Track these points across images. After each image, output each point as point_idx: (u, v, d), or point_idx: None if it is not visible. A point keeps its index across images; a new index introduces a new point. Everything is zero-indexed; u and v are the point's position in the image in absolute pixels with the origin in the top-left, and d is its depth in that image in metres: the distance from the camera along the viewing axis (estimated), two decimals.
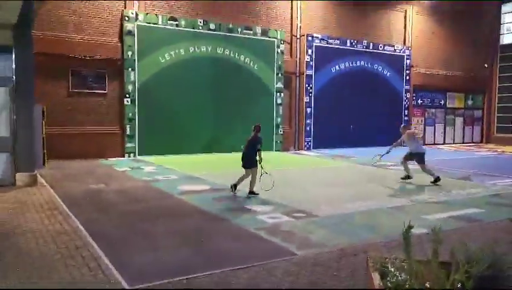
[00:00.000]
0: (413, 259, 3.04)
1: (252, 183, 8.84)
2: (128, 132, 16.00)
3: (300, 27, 19.77)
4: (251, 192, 8.82)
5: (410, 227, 3.19)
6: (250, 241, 5.83)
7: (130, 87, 15.94)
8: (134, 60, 15.93)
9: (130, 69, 15.89)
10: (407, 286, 2.82)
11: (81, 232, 6.04)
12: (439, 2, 23.47)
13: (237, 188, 8.96)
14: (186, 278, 4.36)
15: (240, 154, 9.03)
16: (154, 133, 16.40)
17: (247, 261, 4.88)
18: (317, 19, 20.40)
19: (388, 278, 3.03)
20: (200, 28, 17.20)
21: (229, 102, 17.93)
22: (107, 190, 9.44)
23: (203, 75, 17.40)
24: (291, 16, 19.67)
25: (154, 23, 16.26)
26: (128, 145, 16.03)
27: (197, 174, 11.83)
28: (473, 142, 26.58)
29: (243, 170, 8.97)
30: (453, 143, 25.74)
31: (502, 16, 26.81)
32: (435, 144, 24.95)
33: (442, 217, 7.14)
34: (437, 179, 10.38)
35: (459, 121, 26.25)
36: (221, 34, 17.66)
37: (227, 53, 17.91)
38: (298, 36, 19.78)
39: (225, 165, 14.41)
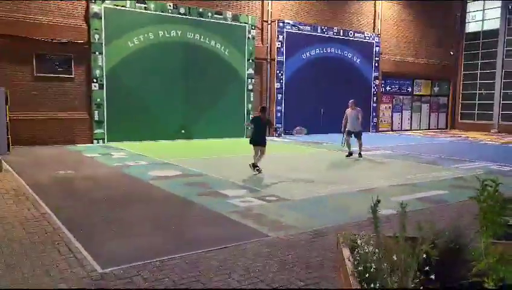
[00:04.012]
0: (380, 232, 3.16)
1: (260, 158, 9.79)
2: (96, 118, 15.65)
3: (271, 13, 19.71)
4: (256, 166, 9.67)
5: (378, 201, 3.30)
6: (222, 225, 5.86)
7: (97, 72, 15.55)
8: (102, 43, 15.51)
9: (97, 53, 15.47)
10: (374, 257, 2.93)
11: (51, 218, 5.92)
12: None
13: (258, 167, 9.67)
14: (159, 261, 4.36)
15: (212, 141, 9.10)
16: (123, 119, 16.10)
17: (218, 243, 4.91)
18: (288, 4, 20.38)
19: (356, 250, 3.14)
20: (170, 11, 16.89)
21: (200, 87, 17.76)
22: (76, 176, 9.25)
23: (173, 60, 17.15)
24: (262, 1, 19.55)
25: (122, 6, 15.84)
26: (97, 131, 15.70)
27: (168, 160, 11.74)
28: (439, 128, 27.41)
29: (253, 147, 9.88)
30: (419, 129, 26.47)
31: (467, 4, 27.52)
32: (402, 130, 25.60)
33: (409, 199, 7.37)
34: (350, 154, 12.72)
35: (425, 107, 26.97)
36: (191, 18, 17.39)
37: (198, 38, 17.69)
38: (269, 22, 19.72)
39: (196, 151, 14.36)
